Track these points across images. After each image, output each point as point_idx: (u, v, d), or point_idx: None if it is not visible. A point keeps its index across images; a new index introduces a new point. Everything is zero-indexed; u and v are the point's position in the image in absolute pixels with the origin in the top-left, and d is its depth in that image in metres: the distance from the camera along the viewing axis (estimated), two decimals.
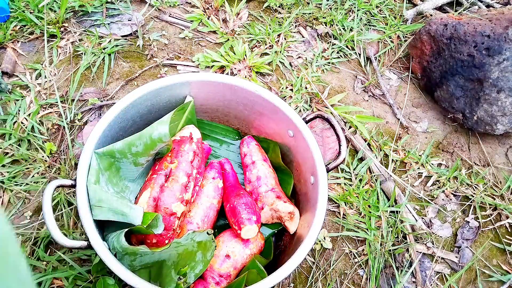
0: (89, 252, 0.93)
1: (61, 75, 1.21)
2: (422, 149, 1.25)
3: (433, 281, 1.04)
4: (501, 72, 1.15)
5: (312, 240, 0.76)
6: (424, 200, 1.16)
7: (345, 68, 1.39)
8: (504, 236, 1.13)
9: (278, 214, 0.91)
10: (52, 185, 0.72)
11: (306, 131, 0.88)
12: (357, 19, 1.47)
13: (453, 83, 1.23)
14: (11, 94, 1.13)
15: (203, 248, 0.77)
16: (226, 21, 1.42)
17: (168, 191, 0.81)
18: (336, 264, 1.03)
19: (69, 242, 0.69)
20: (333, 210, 1.10)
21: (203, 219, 0.87)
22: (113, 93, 1.20)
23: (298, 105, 1.26)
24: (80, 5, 1.32)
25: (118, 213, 0.76)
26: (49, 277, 0.89)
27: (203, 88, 0.95)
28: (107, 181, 0.82)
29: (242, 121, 1.05)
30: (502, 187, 1.20)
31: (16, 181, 1.01)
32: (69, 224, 0.96)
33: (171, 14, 1.41)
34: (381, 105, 1.33)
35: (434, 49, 1.28)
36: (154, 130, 0.81)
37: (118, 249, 0.72)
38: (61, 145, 1.08)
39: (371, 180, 1.15)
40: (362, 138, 1.23)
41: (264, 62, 1.31)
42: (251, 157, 0.98)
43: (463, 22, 1.23)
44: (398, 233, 1.07)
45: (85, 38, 1.28)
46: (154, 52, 1.30)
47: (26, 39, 1.26)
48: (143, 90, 0.88)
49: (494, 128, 1.20)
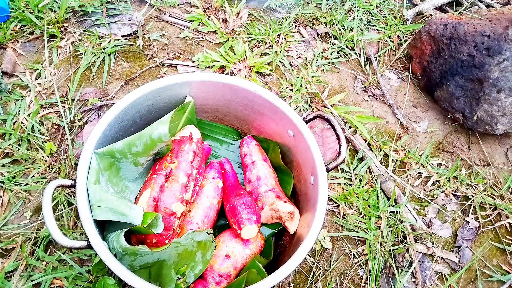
0: (89, 252, 0.93)
1: (61, 75, 1.21)
2: (422, 149, 1.25)
3: (433, 281, 1.04)
4: (501, 72, 1.15)
5: (312, 240, 0.76)
6: (424, 200, 1.16)
7: (345, 68, 1.39)
8: (504, 236, 1.13)
9: (278, 214, 0.91)
10: (52, 185, 0.72)
11: (306, 131, 0.88)
12: (357, 19, 1.47)
13: (453, 83, 1.23)
14: (11, 94, 1.13)
15: (203, 248, 0.77)
16: (226, 21, 1.42)
17: (168, 191, 0.81)
18: (336, 264, 1.03)
19: (69, 242, 0.69)
20: (333, 210, 1.10)
21: (203, 219, 0.87)
22: (113, 93, 1.20)
23: (298, 105, 1.26)
24: (80, 5, 1.32)
25: (118, 213, 0.76)
26: (49, 277, 0.89)
27: (203, 88, 0.95)
28: (107, 181, 0.82)
29: (242, 121, 1.05)
30: (502, 187, 1.20)
31: (16, 181, 1.01)
32: (69, 224, 0.96)
33: (171, 14, 1.41)
34: (381, 105, 1.33)
35: (434, 49, 1.28)
36: (154, 130, 0.80)
37: (118, 249, 0.72)
38: (61, 145, 1.08)
39: (371, 180, 1.15)
40: (362, 138, 1.23)
41: (264, 62, 1.31)
42: (251, 157, 0.98)
43: (463, 22, 1.23)
44: (398, 233, 1.07)
45: (85, 38, 1.28)
46: (154, 52, 1.30)
47: (26, 39, 1.26)
48: (143, 90, 0.88)
49: (494, 128, 1.20)
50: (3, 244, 0.92)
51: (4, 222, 0.95)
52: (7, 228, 0.95)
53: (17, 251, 0.91)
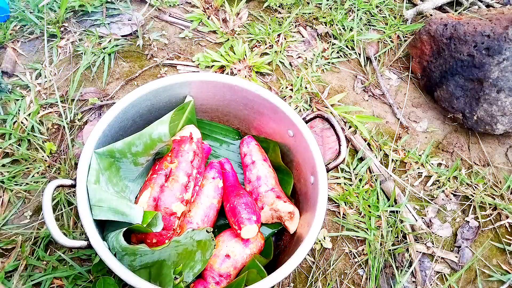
0: (89, 252, 0.93)
1: (61, 75, 1.21)
2: (422, 149, 1.25)
3: (433, 281, 1.04)
4: (501, 72, 1.15)
5: (312, 240, 0.76)
6: (424, 200, 1.16)
7: (345, 68, 1.39)
8: (504, 236, 1.13)
9: (278, 214, 0.91)
10: (52, 185, 0.72)
11: (306, 131, 0.88)
12: (357, 19, 1.47)
13: (453, 83, 1.23)
14: (11, 94, 1.13)
15: (203, 247, 0.77)
16: (226, 21, 1.42)
17: (168, 191, 0.81)
18: (336, 264, 1.03)
19: (69, 242, 0.69)
20: (333, 210, 1.10)
21: (203, 219, 0.87)
22: (113, 93, 1.20)
23: (298, 105, 1.26)
24: (80, 5, 1.32)
25: (118, 213, 0.76)
26: (49, 277, 0.89)
27: (203, 88, 0.95)
28: (107, 181, 0.82)
29: (242, 121, 1.05)
30: (502, 187, 1.20)
31: (16, 181, 1.01)
32: (69, 224, 0.96)
33: (171, 14, 1.41)
34: (381, 105, 1.33)
35: (434, 49, 1.28)
36: (154, 129, 0.81)
37: (118, 249, 0.72)
38: (61, 145, 1.08)
39: (371, 180, 1.16)
40: (362, 138, 1.23)
41: (264, 62, 1.32)
42: (251, 157, 0.98)
43: (463, 22, 1.23)
44: (398, 233, 1.07)
45: (85, 38, 1.29)
46: (154, 52, 1.30)
47: (26, 39, 1.26)
48: (143, 90, 0.88)
49: (494, 128, 1.20)
50: (3, 244, 0.92)
51: (4, 222, 0.95)
52: (7, 228, 0.95)
53: (17, 251, 0.91)
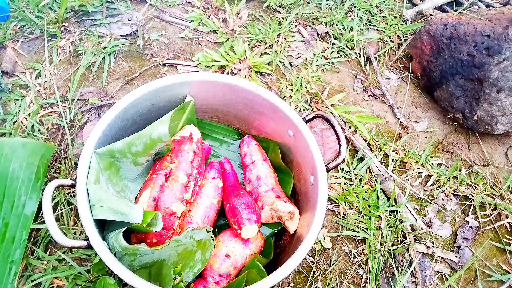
0: (89, 252, 0.93)
1: (61, 74, 1.21)
2: (422, 149, 1.25)
3: (433, 280, 1.04)
4: (501, 72, 1.15)
5: (312, 240, 0.76)
6: (424, 200, 1.16)
7: (345, 68, 1.39)
8: (504, 235, 1.13)
9: (278, 213, 0.91)
10: (52, 184, 0.72)
11: (306, 131, 0.88)
12: (357, 18, 1.47)
13: (453, 82, 1.23)
14: (11, 93, 1.13)
15: (202, 247, 0.77)
16: (226, 20, 1.42)
17: (168, 191, 0.81)
18: (336, 264, 1.03)
19: (69, 241, 0.69)
20: (333, 210, 1.10)
21: (203, 219, 0.87)
22: (113, 93, 1.20)
23: (298, 104, 1.26)
24: (80, 5, 1.32)
25: (118, 213, 0.76)
26: (49, 277, 0.89)
27: (203, 88, 0.95)
28: (107, 181, 0.82)
29: (242, 121, 1.05)
30: (502, 187, 1.20)
31: None
32: (69, 224, 0.96)
33: (171, 14, 1.41)
34: (381, 105, 1.33)
35: (434, 49, 1.28)
36: (154, 129, 0.80)
37: (118, 248, 0.72)
38: (61, 145, 1.08)
39: (371, 180, 1.16)
40: (362, 138, 1.23)
41: (264, 61, 1.31)
42: (251, 156, 0.98)
43: (463, 22, 1.23)
44: (398, 232, 1.07)
45: (85, 38, 1.28)
46: (154, 52, 1.30)
47: (26, 39, 1.26)
48: (143, 89, 0.88)
49: (494, 128, 1.20)
50: None
51: None
52: None
53: None
